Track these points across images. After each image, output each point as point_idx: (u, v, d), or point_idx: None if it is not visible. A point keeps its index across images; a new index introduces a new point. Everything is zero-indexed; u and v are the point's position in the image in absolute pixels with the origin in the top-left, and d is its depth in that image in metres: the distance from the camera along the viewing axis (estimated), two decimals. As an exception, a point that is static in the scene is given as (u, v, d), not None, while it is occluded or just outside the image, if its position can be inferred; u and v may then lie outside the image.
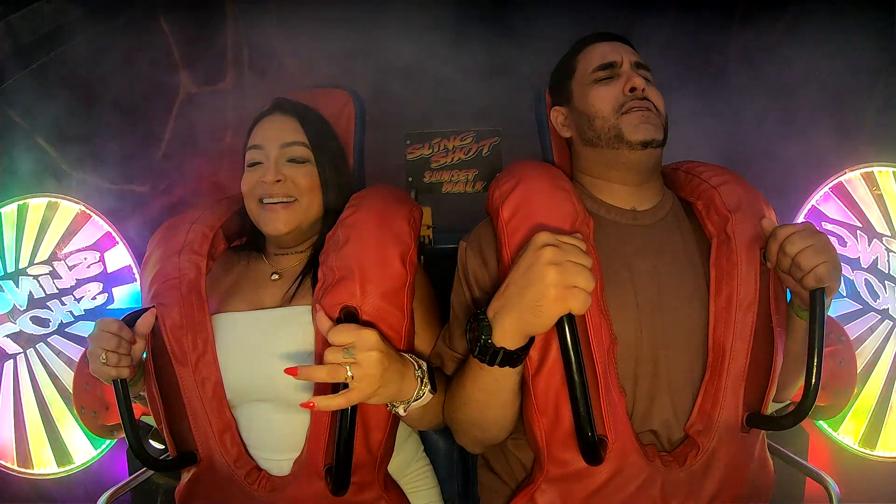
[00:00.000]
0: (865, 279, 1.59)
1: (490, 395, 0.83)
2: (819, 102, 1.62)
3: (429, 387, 0.84)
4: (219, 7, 1.74)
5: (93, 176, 1.74)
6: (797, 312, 0.90)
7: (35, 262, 1.70)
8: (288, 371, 0.78)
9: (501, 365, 0.76)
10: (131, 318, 0.93)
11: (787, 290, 0.90)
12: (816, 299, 0.80)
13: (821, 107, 1.62)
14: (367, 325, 0.87)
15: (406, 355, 0.86)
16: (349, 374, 0.76)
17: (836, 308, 1.60)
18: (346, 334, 0.78)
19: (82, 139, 1.70)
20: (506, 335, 0.75)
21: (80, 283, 1.71)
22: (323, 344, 0.89)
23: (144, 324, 0.93)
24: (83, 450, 1.70)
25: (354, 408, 0.81)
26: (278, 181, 0.99)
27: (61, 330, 1.71)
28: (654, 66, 1.00)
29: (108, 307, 1.72)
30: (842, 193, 1.64)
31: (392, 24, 1.66)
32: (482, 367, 0.78)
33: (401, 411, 0.84)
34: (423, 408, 0.86)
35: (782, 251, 0.83)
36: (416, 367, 0.85)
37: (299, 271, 1.02)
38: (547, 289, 0.70)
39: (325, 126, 1.09)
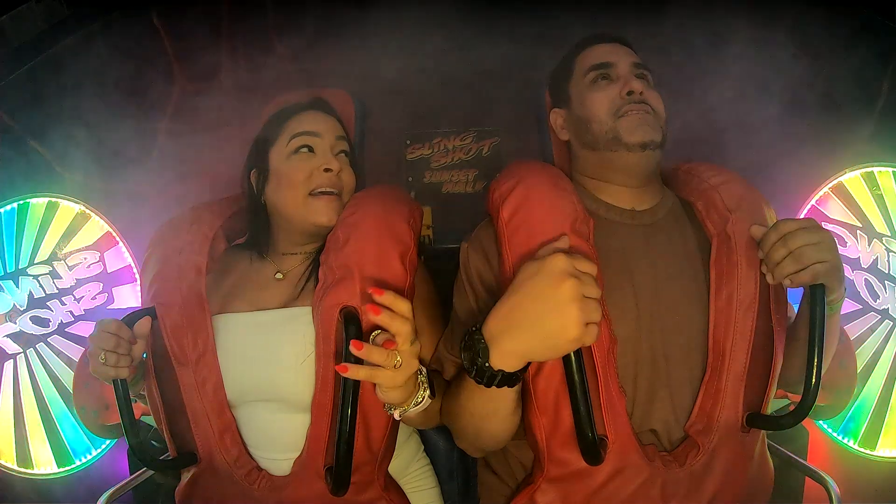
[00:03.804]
0: (865, 279, 1.59)
1: (488, 410, 0.83)
2: (819, 102, 1.62)
3: (428, 391, 0.84)
4: (213, 3, 1.74)
5: (89, 177, 1.74)
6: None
7: (35, 262, 1.70)
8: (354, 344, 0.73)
9: (499, 386, 0.74)
10: (131, 319, 0.93)
11: (787, 289, 0.90)
12: (816, 297, 0.80)
13: (821, 106, 1.62)
14: (369, 328, 0.87)
15: None
16: (398, 360, 0.75)
17: (836, 308, 1.60)
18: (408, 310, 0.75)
19: (77, 140, 1.69)
20: (506, 360, 0.72)
21: (80, 283, 1.71)
22: (324, 344, 0.89)
23: (143, 321, 0.93)
24: (83, 450, 1.70)
25: (355, 408, 0.81)
26: (331, 171, 0.99)
27: (61, 330, 1.70)
28: (652, 65, 1.00)
29: (108, 307, 1.72)
30: (842, 193, 1.63)
31: (392, 23, 1.65)
32: (479, 386, 0.76)
33: (396, 415, 0.84)
34: (422, 411, 0.86)
35: (782, 243, 0.82)
36: (418, 371, 0.84)
37: (302, 272, 1.02)
38: (568, 328, 0.67)
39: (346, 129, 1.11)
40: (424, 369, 0.85)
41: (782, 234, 0.82)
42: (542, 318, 0.68)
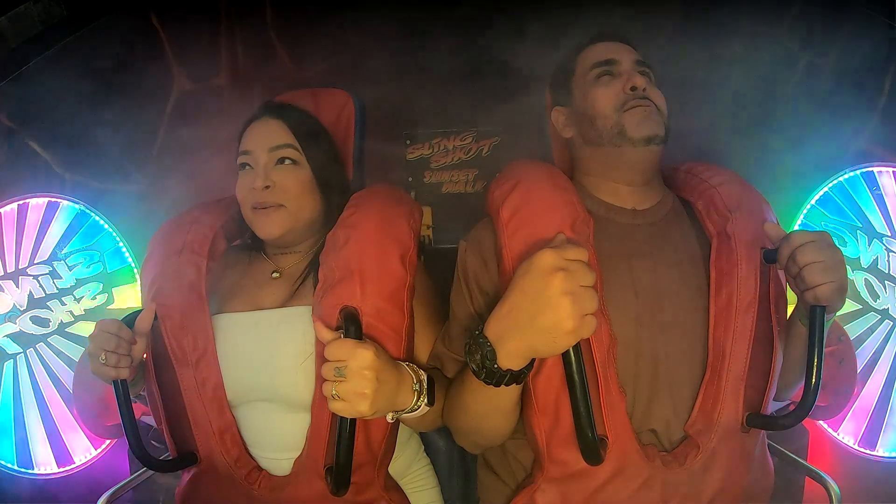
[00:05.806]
0: (865, 279, 1.59)
1: (492, 408, 0.83)
2: (820, 102, 1.62)
3: (426, 400, 0.83)
4: (211, 2, 1.73)
5: (88, 177, 1.74)
6: (800, 318, 0.89)
7: (35, 262, 1.70)
8: None
9: (508, 384, 0.74)
10: (131, 319, 0.93)
11: (787, 288, 0.90)
12: (816, 316, 0.79)
13: (822, 106, 1.62)
14: (369, 329, 0.86)
15: (405, 366, 0.84)
16: (333, 392, 0.75)
17: (836, 308, 1.60)
18: (341, 350, 0.77)
19: (76, 140, 1.69)
20: (512, 359, 0.72)
21: (80, 283, 1.71)
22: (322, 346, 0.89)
23: (143, 321, 0.93)
24: (83, 450, 1.70)
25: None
26: (266, 187, 0.97)
27: (61, 330, 1.70)
28: (654, 64, 1.00)
29: (108, 307, 1.72)
30: (842, 193, 1.64)
31: (391, 22, 1.65)
32: (484, 385, 0.76)
33: (388, 419, 0.83)
34: (419, 416, 0.85)
35: (792, 258, 0.81)
36: (415, 379, 0.83)
37: (300, 270, 1.02)
38: (563, 321, 0.67)
39: (314, 125, 1.07)
40: (424, 377, 0.84)
41: (793, 247, 0.81)
42: (538, 316, 0.68)
